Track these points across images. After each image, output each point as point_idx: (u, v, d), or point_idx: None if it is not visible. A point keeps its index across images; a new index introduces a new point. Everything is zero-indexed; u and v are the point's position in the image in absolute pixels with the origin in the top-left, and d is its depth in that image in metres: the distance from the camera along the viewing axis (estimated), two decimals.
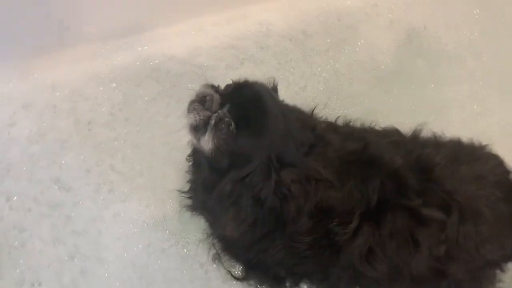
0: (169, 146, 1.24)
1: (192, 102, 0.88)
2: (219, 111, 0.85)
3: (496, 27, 1.48)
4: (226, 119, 0.84)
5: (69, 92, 1.29)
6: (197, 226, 1.13)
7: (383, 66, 1.40)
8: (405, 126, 1.07)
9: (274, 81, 0.99)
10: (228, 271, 1.10)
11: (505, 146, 1.24)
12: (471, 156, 0.97)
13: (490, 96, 1.36)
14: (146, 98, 1.30)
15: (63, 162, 1.21)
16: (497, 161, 0.99)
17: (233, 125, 0.83)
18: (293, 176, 0.85)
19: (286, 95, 1.33)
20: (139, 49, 1.38)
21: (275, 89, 0.99)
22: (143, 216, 1.16)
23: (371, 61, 1.41)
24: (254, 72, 1.37)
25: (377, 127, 1.09)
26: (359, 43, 1.43)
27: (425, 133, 1.04)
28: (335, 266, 0.96)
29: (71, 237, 1.13)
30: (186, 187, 1.08)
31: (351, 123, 1.09)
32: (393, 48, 1.43)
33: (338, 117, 1.09)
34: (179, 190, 1.10)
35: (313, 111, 1.03)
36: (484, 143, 1.03)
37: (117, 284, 1.08)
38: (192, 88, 0.91)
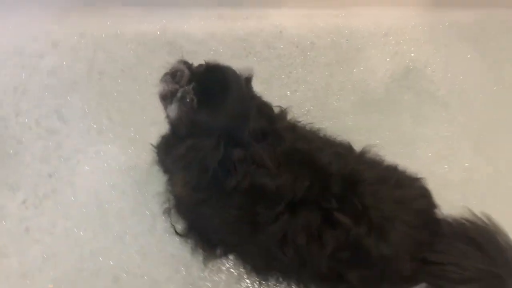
0: (160, 109, 1.38)
1: (165, 74, 1.01)
2: (186, 87, 0.97)
3: (492, 86, 1.51)
4: (190, 95, 0.96)
5: (92, 43, 1.47)
6: (160, 181, 1.27)
7: (373, 92, 1.47)
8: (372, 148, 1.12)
9: (250, 72, 1.10)
10: (173, 225, 1.22)
11: (458, 191, 1.32)
12: (398, 182, 1.03)
13: (461, 145, 1.39)
14: (154, 65, 1.45)
15: (68, 99, 1.39)
16: (423, 192, 1.05)
17: (195, 101, 0.95)
18: (239, 156, 0.95)
19: (276, 93, 1.45)
20: (164, 21, 1.54)
21: (248, 79, 1.09)
22: (118, 160, 1.31)
23: (363, 85, 1.48)
24: (254, 66, 1.45)
25: (337, 140, 1.17)
26: (358, 66, 1.51)
27: (372, 154, 1.11)
28: (254, 243, 1.06)
29: (55, 160, 1.30)
30: None
31: (317, 131, 1.19)
32: (388, 79, 1.49)
33: (310, 123, 1.19)
34: (152, 145, 1.24)
35: (284, 110, 1.13)
36: (420, 175, 1.08)
37: (77, 208, 1.24)
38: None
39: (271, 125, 1.02)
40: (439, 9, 1.61)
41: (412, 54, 1.54)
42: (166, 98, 1.00)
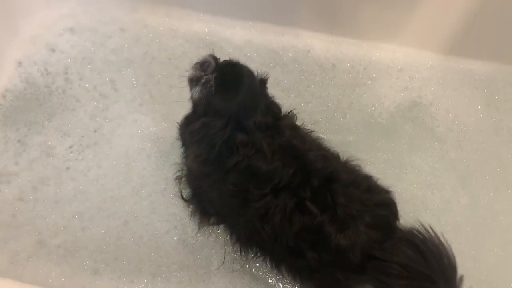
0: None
1: (196, 63, 1.23)
2: (209, 75, 1.18)
3: (489, 133, 1.61)
4: (211, 82, 1.17)
5: (151, 33, 1.73)
6: (179, 154, 1.46)
7: (378, 116, 1.62)
8: (364, 163, 1.29)
9: (266, 75, 1.29)
10: (181, 191, 1.41)
11: (434, 216, 1.43)
12: (368, 188, 1.17)
13: (447, 178, 1.51)
14: (195, 59, 1.68)
15: (122, 73, 1.64)
16: (387, 202, 1.18)
17: (213, 88, 1.16)
18: (242, 139, 1.12)
19: (292, 101, 1.63)
20: (212, 25, 1.77)
21: (264, 81, 1.25)
22: (149, 130, 1.54)
23: (370, 109, 1.63)
24: (279, 76, 1.69)
25: (328, 147, 1.33)
26: (369, 92, 1.67)
27: (354, 164, 1.27)
28: (242, 216, 1.23)
29: (101, 119, 1.55)
30: None
31: (315, 137, 1.36)
32: (393, 108, 1.64)
33: (312, 131, 1.37)
34: (178, 123, 1.46)
35: (291, 112, 1.30)
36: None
37: (109, 160, 1.48)
38: None
39: (275, 122, 1.21)
40: (454, 56, 1.74)
41: (421, 91, 1.68)
42: (193, 82, 1.21)
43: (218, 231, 1.39)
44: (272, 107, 1.22)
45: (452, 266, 1.04)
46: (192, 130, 1.20)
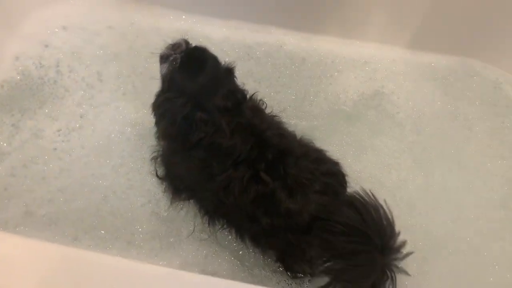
0: None
1: (169, 44, 1.36)
2: (177, 55, 1.32)
3: (445, 120, 1.72)
4: (177, 60, 1.30)
5: (137, 30, 1.88)
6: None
7: (342, 104, 1.74)
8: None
9: (233, 64, 1.41)
10: (156, 169, 1.52)
11: (390, 194, 1.54)
12: (317, 159, 1.27)
13: (403, 159, 1.60)
14: None
15: (108, 65, 1.79)
16: (334, 171, 1.29)
17: (177, 65, 1.30)
18: (200, 117, 1.22)
19: (263, 91, 1.74)
20: (192, 22, 1.92)
21: (230, 69, 1.35)
22: (130, 116, 1.66)
23: (335, 98, 1.75)
24: (252, 68, 1.82)
25: (287, 127, 1.45)
26: (335, 83, 1.79)
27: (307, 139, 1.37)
28: (207, 190, 1.33)
29: (87, 106, 1.68)
30: None
31: (276, 118, 1.47)
32: (357, 97, 1.75)
33: (276, 115, 1.49)
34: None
35: (252, 95, 1.40)
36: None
37: (92, 142, 1.61)
38: None
39: (237, 105, 1.29)
40: (415, 50, 1.86)
41: (383, 82, 1.80)
42: (163, 59, 1.34)
43: (189, 205, 1.51)
44: (235, 93, 1.31)
45: (389, 225, 1.14)
46: (156, 103, 1.32)
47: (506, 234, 1.51)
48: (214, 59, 1.34)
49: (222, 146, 1.24)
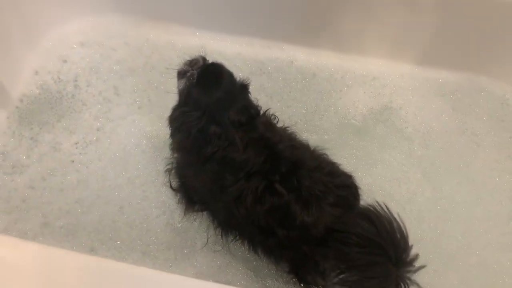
0: None
1: (187, 60, 1.39)
2: (194, 71, 1.36)
3: (453, 135, 1.73)
4: (194, 76, 1.34)
5: (152, 46, 1.93)
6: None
7: (352, 118, 1.77)
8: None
9: (247, 80, 1.44)
10: (170, 181, 1.55)
11: (400, 206, 1.55)
12: (331, 172, 1.29)
13: (412, 173, 1.63)
14: None
15: (125, 80, 1.83)
16: (348, 184, 1.30)
17: (194, 81, 1.34)
18: (214, 131, 1.24)
19: (275, 105, 1.77)
20: (206, 39, 1.98)
21: (245, 85, 1.38)
22: (146, 129, 1.69)
23: (345, 112, 1.78)
24: (264, 83, 1.86)
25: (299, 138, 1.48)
26: (344, 97, 1.82)
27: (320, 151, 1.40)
28: (220, 201, 1.35)
29: (104, 119, 1.72)
30: None
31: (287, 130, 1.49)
32: (366, 111, 1.78)
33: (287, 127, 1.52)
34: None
35: (265, 111, 1.42)
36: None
37: (109, 154, 1.64)
38: None
39: (250, 120, 1.30)
40: (424, 66, 1.89)
41: (392, 97, 1.83)
42: (180, 74, 1.37)
43: (202, 217, 1.53)
44: (249, 108, 1.33)
45: (403, 237, 1.16)
46: (172, 117, 1.35)
47: None
48: (230, 75, 1.37)
49: (235, 160, 1.26)
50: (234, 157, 1.25)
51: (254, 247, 1.39)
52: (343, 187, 1.29)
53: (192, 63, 1.37)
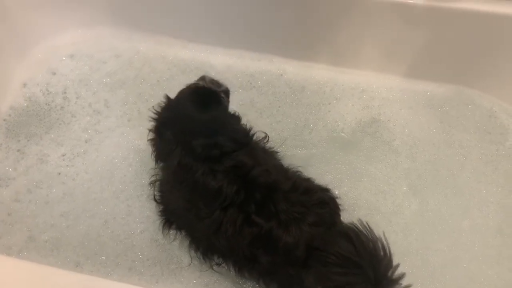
0: None
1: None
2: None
3: (440, 148, 1.69)
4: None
5: (143, 59, 1.90)
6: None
7: (340, 131, 1.72)
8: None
9: (227, 88, 1.42)
10: (154, 195, 1.48)
11: (386, 219, 1.51)
12: (306, 190, 1.25)
13: (399, 186, 1.58)
14: (183, 82, 1.78)
15: (115, 92, 1.79)
16: (325, 200, 1.26)
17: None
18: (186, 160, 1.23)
19: (264, 121, 1.74)
20: (197, 52, 1.95)
21: (226, 91, 1.40)
22: (134, 142, 1.65)
23: (333, 125, 1.74)
24: (253, 98, 1.82)
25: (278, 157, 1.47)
26: (333, 110, 1.79)
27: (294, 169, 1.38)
28: (198, 230, 1.33)
29: (93, 132, 1.68)
30: None
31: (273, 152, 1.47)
32: (354, 124, 1.74)
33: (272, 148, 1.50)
34: None
35: (253, 134, 1.39)
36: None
37: (96, 167, 1.60)
38: None
39: (242, 146, 1.28)
40: (412, 79, 1.85)
41: (380, 109, 1.79)
42: None
43: (183, 234, 1.47)
44: (235, 130, 1.33)
45: (385, 256, 1.12)
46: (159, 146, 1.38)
47: (503, 260, 1.48)
48: (216, 98, 1.36)
49: (207, 188, 1.22)
50: (207, 184, 1.22)
51: (240, 270, 1.33)
52: (321, 204, 1.25)
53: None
